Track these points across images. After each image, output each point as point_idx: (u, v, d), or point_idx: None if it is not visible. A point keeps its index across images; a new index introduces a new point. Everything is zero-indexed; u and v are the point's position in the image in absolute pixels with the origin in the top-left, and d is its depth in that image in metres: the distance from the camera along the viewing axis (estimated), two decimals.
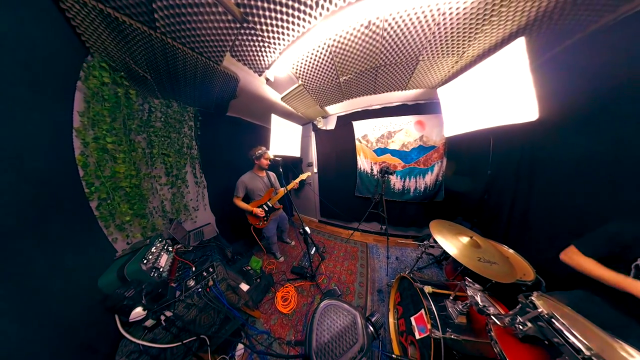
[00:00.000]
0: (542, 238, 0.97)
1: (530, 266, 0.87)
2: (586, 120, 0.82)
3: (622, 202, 0.70)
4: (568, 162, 0.90)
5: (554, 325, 0.44)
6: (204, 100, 1.43)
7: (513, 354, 0.49)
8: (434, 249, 1.53)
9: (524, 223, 1.11)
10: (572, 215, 0.84)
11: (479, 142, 1.30)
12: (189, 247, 1.20)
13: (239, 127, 1.95)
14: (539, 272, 0.83)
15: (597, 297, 0.60)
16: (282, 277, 1.52)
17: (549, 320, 0.45)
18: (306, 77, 1.30)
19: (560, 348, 0.42)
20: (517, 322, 0.52)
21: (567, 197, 0.90)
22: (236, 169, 1.58)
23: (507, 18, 0.78)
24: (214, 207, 1.71)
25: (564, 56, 0.89)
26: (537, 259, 0.88)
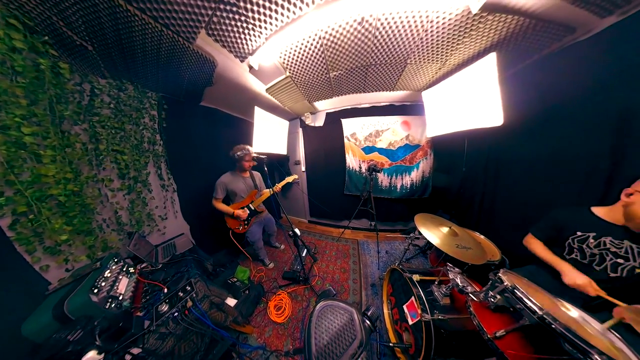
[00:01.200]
0: (505, 224, 1.20)
1: (497, 248, 1.04)
2: (537, 128, 1.04)
3: (560, 194, 0.92)
4: (524, 161, 1.12)
5: (516, 295, 0.54)
6: (171, 85, 1.24)
7: (488, 323, 0.58)
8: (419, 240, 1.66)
9: (491, 212, 1.35)
10: (528, 205, 1.05)
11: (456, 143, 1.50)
12: (158, 265, 1.03)
13: (217, 120, 1.77)
14: (503, 252, 1.01)
15: (543, 270, 0.76)
16: (273, 284, 1.45)
17: (512, 291, 0.55)
18: (294, 69, 1.24)
19: (522, 312, 0.52)
20: (489, 296, 0.61)
21: (523, 190, 1.13)
22: (214, 168, 1.45)
23: (483, 34, 0.93)
24: (188, 214, 1.52)
25: (524, 73, 1.10)
26: (502, 241, 1.07)
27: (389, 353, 0.91)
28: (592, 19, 0.77)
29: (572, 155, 0.89)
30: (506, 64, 1.03)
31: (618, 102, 0.74)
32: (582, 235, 0.67)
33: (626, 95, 0.72)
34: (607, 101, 0.77)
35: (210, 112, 1.70)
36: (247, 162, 1.31)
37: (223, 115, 1.85)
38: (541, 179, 1.02)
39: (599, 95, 0.79)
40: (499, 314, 0.61)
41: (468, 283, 0.75)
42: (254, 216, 1.43)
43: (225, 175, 1.35)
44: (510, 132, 1.07)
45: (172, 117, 1.36)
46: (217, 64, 1.06)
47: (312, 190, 2.42)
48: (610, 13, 0.73)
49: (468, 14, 0.81)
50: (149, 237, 1.25)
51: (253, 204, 1.40)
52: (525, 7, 0.76)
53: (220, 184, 1.32)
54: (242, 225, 1.37)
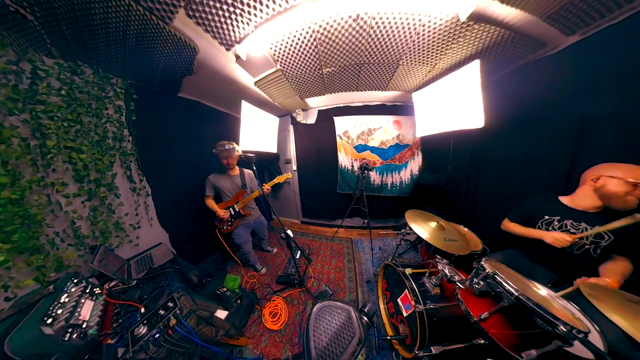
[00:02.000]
0: (485, 216, 1.34)
1: (479, 239, 1.16)
2: (513, 131, 1.18)
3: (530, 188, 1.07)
4: (502, 160, 1.27)
5: (496, 280, 0.62)
6: (142, 71, 1.09)
7: (474, 308, 0.65)
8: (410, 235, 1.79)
9: (473, 206, 1.52)
10: (504, 199, 1.19)
11: (443, 143, 1.62)
12: (131, 281, 0.92)
13: (199, 114, 1.64)
14: (484, 242, 1.13)
15: (517, 252, 0.89)
16: (267, 290, 1.40)
17: (493, 277, 0.63)
18: (286, 62, 1.21)
19: (501, 295, 0.60)
20: (474, 282, 0.69)
21: (501, 186, 1.29)
22: (195, 167, 1.36)
23: (469, 41, 1.02)
24: (166, 221, 1.37)
25: (503, 80, 1.24)
26: (483, 232, 1.20)
27: (387, 346, 0.97)
28: (559, 36, 0.90)
29: (540, 155, 1.04)
30: (488, 71, 1.15)
31: (576, 111, 0.89)
32: (549, 219, 0.81)
33: (582, 105, 0.87)
34: (568, 109, 0.92)
35: (190, 105, 1.57)
36: (223, 159, 1.26)
37: (206, 109, 1.71)
38: (515, 175, 1.18)
39: (562, 104, 0.94)
40: (482, 299, 0.69)
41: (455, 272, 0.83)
42: (237, 218, 1.37)
43: (213, 173, 1.33)
44: (490, 133, 1.20)
45: (143, 108, 1.20)
46: (199, 50, 0.97)
47: (304, 190, 2.40)
48: (573, 32, 0.86)
49: (457, 21, 0.88)
50: (119, 250, 1.10)
51: (238, 205, 1.34)
52: (507, 20, 0.85)
53: (209, 181, 1.30)
54: (225, 225, 1.34)
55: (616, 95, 0.76)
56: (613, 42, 0.76)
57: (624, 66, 0.74)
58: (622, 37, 0.74)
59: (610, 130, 0.78)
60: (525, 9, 0.78)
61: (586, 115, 0.85)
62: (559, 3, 0.73)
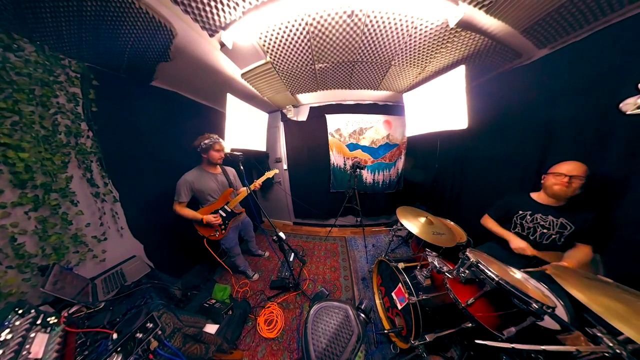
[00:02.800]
0: (468, 211, 1.48)
1: (464, 232, 1.29)
2: (491, 132, 1.32)
3: (507, 185, 1.21)
4: (483, 159, 1.42)
5: (479, 268, 0.69)
6: (105, 52, 0.94)
7: (461, 295, 0.73)
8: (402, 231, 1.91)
9: (458, 202, 1.67)
10: (485, 194, 1.33)
11: (430, 142, 1.76)
12: (98, 304, 0.80)
13: (177, 106, 1.48)
14: (469, 234, 1.26)
15: (497, 245, 1.02)
16: (260, 297, 1.36)
17: (476, 265, 0.71)
18: (277, 55, 1.16)
19: (484, 281, 0.68)
20: (460, 272, 0.76)
21: (482, 182, 1.44)
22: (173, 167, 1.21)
23: (457, 47, 1.10)
24: (139, 230, 1.22)
25: (484, 85, 1.36)
26: (467, 225, 1.34)
27: (384, 340, 1.02)
28: (533, 49, 1.03)
29: (515, 154, 1.19)
30: (472, 76, 1.26)
31: (544, 116, 1.03)
32: (523, 214, 0.93)
33: (549, 111, 1.02)
34: (538, 114, 1.06)
35: (167, 96, 1.42)
36: (216, 152, 1.13)
37: (185, 102, 1.57)
38: (494, 173, 1.34)
39: (533, 109, 1.09)
40: (468, 286, 0.77)
41: (444, 264, 0.90)
42: (232, 218, 1.28)
43: (189, 172, 1.13)
44: (472, 134, 1.33)
45: (106, 98, 1.04)
46: (177, 33, 0.87)
47: (296, 190, 2.37)
48: (544, 46, 0.99)
49: (446, 27, 0.95)
50: (80, 268, 0.95)
51: (229, 205, 1.25)
52: (490, 30, 0.95)
53: (184, 184, 1.10)
54: (218, 231, 1.22)
55: (577, 103, 0.91)
56: (575, 56, 0.91)
57: (582, 78, 0.88)
58: (582, 53, 0.88)
59: (572, 132, 0.93)
60: (506, 21, 0.87)
61: (552, 119, 1.00)
62: (534, 18, 0.83)
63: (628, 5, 0.71)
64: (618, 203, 0.76)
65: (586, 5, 0.74)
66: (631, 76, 0.36)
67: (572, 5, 0.75)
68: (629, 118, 0.39)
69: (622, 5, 0.71)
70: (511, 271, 0.72)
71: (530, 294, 0.57)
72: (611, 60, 0.78)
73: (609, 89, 0.75)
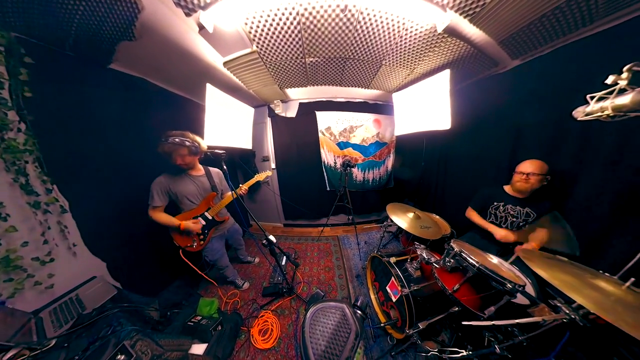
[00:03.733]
0: (451, 205, 1.66)
1: (448, 224, 1.43)
2: (471, 133, 1.48)
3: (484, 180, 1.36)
4: (463, 157, 1.58)
5: (462, 256, 0.79)
6: (39, 20, 0.76)
7: (448, 282, 0.81)
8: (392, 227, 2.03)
9: (442, 197, 1.85)
10: (467, 189, 1.48)
11: (417, 142, 1.89)
12: (46, 343, 0.66)
13: (144, 96, 1.27)
14: (452, 226, 1.41)
15: (476, 234, 1.17)
16: (252, 307, 1.30)
17: (460, 254, 0.80)
18: (264, 44, 1.10)
19: (467, 267, 0.77)
20: (446, 261, 0.85)
21: (463, 179, 1.62)
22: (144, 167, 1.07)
23: (443, 52, 1.19)
24: (100, 245, 1.03)
25: (465, 89, 1.51)
26: (450, 218, 1.49)
27: (381, 333, 1.07)
28: (508, 59, 1.18)
29: (490, 152, 1.37)
30: (455, 80, 1.39)
31: (515, 119, 1.20)
32: (497, 204, 1.09)
33: (518, 116, 1.19)
34: (509, 118, 1.23)
35: (131, 83, 1.20)
36: (174, 158, 0.96)
37: (156, 91, 1.36)
38: (473, 170, 1.52)
39: (506, 113, 1.26)
40: (454, 274, 0.86)
41: (431, 255, 1.00)
42: (212, 227, 1.16)
43: (166, 174, 1.02)
44: (455, 134, 1.47)
45: (46, 81, 0.84)
46: (143, 8, 0.76)
47: (285, 190, 2.31)
48: (517, 57, 1.15)
49: (434, 31, 1.03)
50: (17, 300, 0.77)
51: (210, 212, 1.13)
52: (472, 38, 1.06)
53: (158, 186, 0.99)
54: (195, 241, 1.09)
55: (540, 109, 1.08)
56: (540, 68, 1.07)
57: (545, 87, 1.05)
58: (545, 66, 1.05)
59: (536, 134, 1.11)
60: (486, 31, 0.99)
61: (521, 123, 1.18)
62: (510, 30, 0.96)
63: (582, 27, 0.87)
64: (570, 193, 0.94)
65: (550, 24, 0.88)
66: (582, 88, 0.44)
67: (540, 23, 0.88)
68: (579, 123, 0.49)
69: (577, 27, 0.87)
70: (489, 257, 0.83)
71: (505, 275, 0.67)
72: (567, 74, 0.95)
73: (565, 98, 0.92)
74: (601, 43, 0.83)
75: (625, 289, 0.47)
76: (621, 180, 0.78)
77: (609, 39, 0.81)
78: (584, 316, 0.49)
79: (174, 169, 1.04)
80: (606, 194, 0.82)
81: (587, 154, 0.90)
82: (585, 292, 0.47)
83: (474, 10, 0.86)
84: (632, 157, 0.76)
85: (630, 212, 0.76)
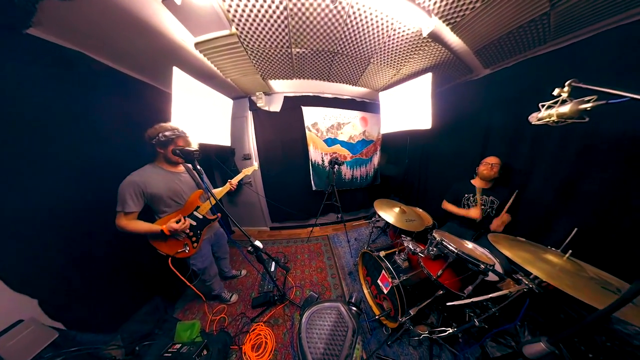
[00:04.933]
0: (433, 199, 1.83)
1: (430, 216, 1.60)
2: (448, 132, 1.69)
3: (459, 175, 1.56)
4: (442, 155, 1.80)
5: (443, 244, 0.90)
6: None
7: (432, 269, 0.92)
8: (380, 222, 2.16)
9: (425, 191, 2.07)
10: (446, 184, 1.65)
11: (402, 140, 2.03)
12: None
13: (84, 75, 1.01)
14: (434, 218, 1.58)
15: (454, 224, 1.36)
16: (242, 321, 1.22)
17: (441, 243, 0.91)
18: (246, 27, 1.02)
19: (448, 254, 0.88)
20: (430, 250, 0.96)
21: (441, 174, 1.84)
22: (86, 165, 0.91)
23: (426, 55, 1.32)
24: (26, 276, 0.79)
25: (444, 93, 1.69)
26: (431, 210, 1.67)
27: (377, 325, 1.14)
28: (481, 67, 1.37)
29: (464, 151, 1.59)
30: (436, 84, 1.55)
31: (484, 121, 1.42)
32: (467, 196, 1.31)
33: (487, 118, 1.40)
34: (480, 120, 1.45)
35: (64, 57, 0.94)
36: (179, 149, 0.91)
37: (102, 70, 1.10)
38: (451, 166, 1.73)
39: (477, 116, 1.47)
40: (437, 261, 0.98)
41: (417, 246, 1.10)
42: (206, 227, 1.07)
43: (137, 172, 0.88)
44: (435, 133, 1.65)
45: None
46: None
47: (270, 191, 2.23)
48: (488, 66, 1.35)
49: (420, 35, 1.13)
50: None
51: (201, 210, 1.04)
52: (453, 46, 1.20)
53: (131, 188, 0.84)
54: (188, 245, 0.99)
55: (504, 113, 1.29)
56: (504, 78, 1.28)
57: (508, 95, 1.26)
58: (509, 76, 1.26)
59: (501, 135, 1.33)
60: (465, 40, 1.13)
61: (489, 125, 1.40)
62: (484, 42, 1.12)
63: (538, 45, 1.08)
64: (525, 184, 1.18)
65: (515, 40, 1.07)
66: (536, 97, 0.55)
67: (507, 38, 1.06)
68: (533, 127, 0.61)
69: (535, 45, 1.08)
70: (465, 243, 0.97)
71: (479, 257, 0.80)
72: (526, 84, 1.16)
73: (523, 105, 1.13)
74: (551, 60, 1.05)
75: (566, 259, 0.61)
76: (561, 173, 1.02)
77: (558, 58, 1.03)
78: (539, 284, 0.62)
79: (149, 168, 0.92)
80: (551, 184, 1.05)
81: (538, 152, 1.13)
82: (539, 265, 0.59)
83: (455, 20, 0.98)
84: (569, 155, 1.00)
85: (568, 198, 1.00)
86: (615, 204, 0.85)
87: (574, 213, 0.97)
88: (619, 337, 0.65)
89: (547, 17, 0.89)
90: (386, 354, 0.98)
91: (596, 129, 0.88)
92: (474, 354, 0.94)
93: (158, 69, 1.21)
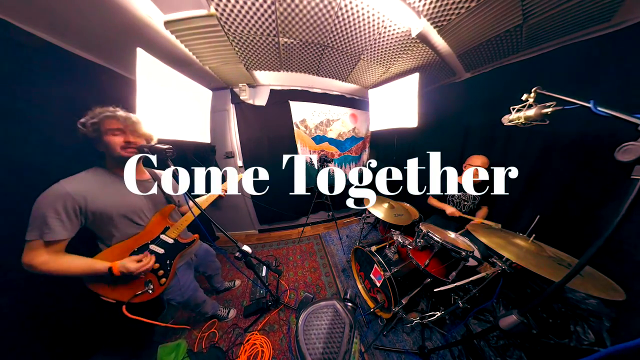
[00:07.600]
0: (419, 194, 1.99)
1: (416, 210, 1.73)
2: (433, 131, 1.83)
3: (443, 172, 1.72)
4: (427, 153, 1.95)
5: (429, 235, 1.00)
6: None
7: (420, 259, 1.02)
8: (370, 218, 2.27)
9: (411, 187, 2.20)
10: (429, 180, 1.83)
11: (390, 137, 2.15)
12: None
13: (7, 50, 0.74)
14: (420, 211, 1.72)
15: (438, 216, 1.50)
16: (234, 333, 1.18)
17: (427, 234, 1.01)
18: (227, 9, 0.93)
19: (433, 245, 0.98)
20: (417, 242, 1.06)
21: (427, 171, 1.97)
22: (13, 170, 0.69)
23: (414, 56, 1.40)
24: None
25: (430, 93, 1.81)
26: (417, 205, 1.80)
27: (372, 318, 1.20)
28: (462, 71, 1.51)
29: (447, 149, 1.72)
30: (423, 84, 1.66)
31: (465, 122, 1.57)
32: (451, 192, 1.44)
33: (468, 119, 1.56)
34: (461, 121, 1.60)
35: None
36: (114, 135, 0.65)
37: (41, 47, 0.85)
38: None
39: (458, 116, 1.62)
40: (424, 251, 1.08)
41: (405, 238, 1.20)
42: (178, 254, 0.85)
43: (74, 177, 0.63)
44: (421, 132, 1.77)
45: None
46: None
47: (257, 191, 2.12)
48: (469, 70, 1.49)
49: (409, 35, 1.20)
50: None
51: (171, 232, 0.82)
52: (439, 48, 1.30)
53: (62, 202, 0.58)
54: (152, 282, 0.76)
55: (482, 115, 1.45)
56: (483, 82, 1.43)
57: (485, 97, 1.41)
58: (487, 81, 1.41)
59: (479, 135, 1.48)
60: (450, 44, 1.23)
61: (469, 125, 1.56)
62: (466, 47, 1.23)
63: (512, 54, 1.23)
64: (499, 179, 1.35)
65: (493, 48, 1.20)
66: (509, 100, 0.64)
67: (487, 45, 1.19)
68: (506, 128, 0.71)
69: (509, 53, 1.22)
70: (449, 234, 1.08)
71: (460, 246, 0.90)
72: (500, 88, 1.32)
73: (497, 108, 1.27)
74: (523, 68, 1.22)
75: (530, 242, 0.73)
76: (526, 168, 1.21)
77: (528, 66, 1.19)
78: (510, 265, 0.73)
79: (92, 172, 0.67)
80: (519, 178, 1.23)
81: (509, 150, 1.32)
82: (509, 249, 0.70)
83: (442, 23, 1.07)
84: (533, 153, 1.19)
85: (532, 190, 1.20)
86: (567, 194, 1.05)
87: (537, 203, 1.18)
88: (571, 303, 0.81)
89: (520, 29, 1.04)
90: (382, 344, 1.06)
91: (556, 130, 1.06)
92: (460, 332, 1.08)
93: (116, 50, 1.02)
